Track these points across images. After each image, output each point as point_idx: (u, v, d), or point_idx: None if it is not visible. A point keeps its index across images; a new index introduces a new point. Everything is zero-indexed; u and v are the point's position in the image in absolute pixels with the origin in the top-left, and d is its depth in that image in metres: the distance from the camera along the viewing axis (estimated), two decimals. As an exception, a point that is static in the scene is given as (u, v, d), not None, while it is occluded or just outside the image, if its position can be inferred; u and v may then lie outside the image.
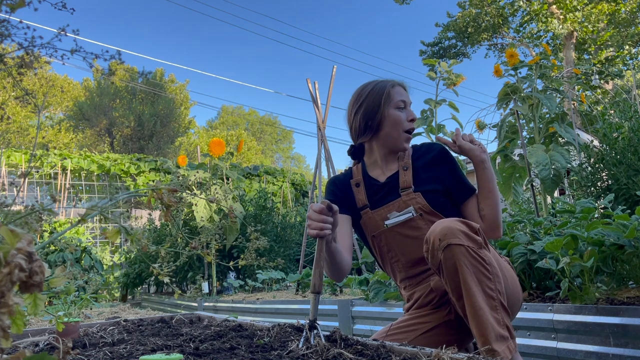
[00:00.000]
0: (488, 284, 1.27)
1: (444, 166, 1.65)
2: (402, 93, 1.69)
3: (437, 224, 1.37)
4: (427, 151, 1.69)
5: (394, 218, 1.60)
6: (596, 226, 2.15)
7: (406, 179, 1.63)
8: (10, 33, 1.04)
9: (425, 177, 1.63)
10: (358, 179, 1.72)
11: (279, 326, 1.57)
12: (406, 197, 1.60)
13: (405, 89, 1.72)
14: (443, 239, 1.31)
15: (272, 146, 43.90)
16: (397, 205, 1.60)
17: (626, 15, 16.83)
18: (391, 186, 1.65)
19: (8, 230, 0.50)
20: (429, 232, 1.38)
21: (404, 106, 1.67)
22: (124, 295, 8.39)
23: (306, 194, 14.69)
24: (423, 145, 1.73)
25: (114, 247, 11.08)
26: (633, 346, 1.72)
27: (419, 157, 1.69)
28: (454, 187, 1.63)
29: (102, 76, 2.57)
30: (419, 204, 1.58)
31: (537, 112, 4.15)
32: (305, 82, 5.80)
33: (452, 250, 1.28)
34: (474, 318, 1.24)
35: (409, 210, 1.58)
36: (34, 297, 0.86)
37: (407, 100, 1.69)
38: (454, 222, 1.33)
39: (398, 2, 18.96)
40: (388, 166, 1.70)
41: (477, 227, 1.33)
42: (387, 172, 1.69)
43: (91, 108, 25.65)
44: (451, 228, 1.31)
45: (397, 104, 1.66)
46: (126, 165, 12.46)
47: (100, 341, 1.63)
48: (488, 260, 1.29)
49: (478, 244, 1.30)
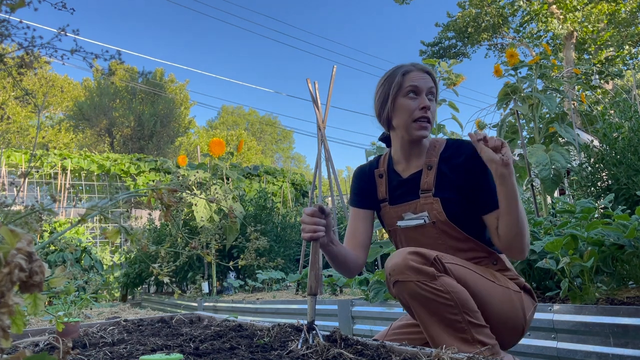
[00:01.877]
0: (448, 310, 1.27)
1: (472, 171, 1.49)
2: (416, 78, 1.53)
3: (391, 256, 1.37)
4: (458, 151, 1.54)
5: (407, 220, 1.55)
6: (596, 226, 2.15)
7: (427, 181, 1.53)
8: (10, 33, 1.05)
9: (448, 182, 1.51)
10: (382, 171, 1.65)
11: (279, 326, 1.57)
12: (424, 200, 1.52)
13: (426, 72, 1.55)
14: (392, 275, 1.33)
15: (272, 146, 43.91)
16: (413, 207, 1.54)
17: (626, 15, 16.83)
18: (412, 184, 1.56)
19: (8, 230, 0.50)
20: (386, 263, 1.38)
21: (416, 93, 1.52)
22: (124, 295, 8.39)
23: (306, 194, 14.69)
24: (456, 143, 1.58)
25: (114, 247, 11.08)
26: (633, 346, 1.72)
27: (449, 156, 1.54)
28: (477, 197, 1.49)
29: (102, 76, 2.58)
30: (434, 211, 1.49)
31: (537, 112, 4.15)
32: (305, 82, 5.80)
33: (401, 287, 1.31)
34: (434, 345, 1.29)
35: (423, 216, 1.52)
36: (34, 297, 0.86)
37: (422, 86, 1.52)
38: (404, 256, 1.31)
39: (398, 2, 18.96)
40: (412, 161, 1.59)
41: (432, 257, 1.30)
42: (411, 168, 1.59)
43: (91, 108, 25.66)
44: (399, 265, 1.31)
45: (407, 91, 1.52)
46: (126, 165, 12.46)
47: (100, 341, 1.63)
48: (445, 289, 1.27)
49: (430, 276, 1.28)
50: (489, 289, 1.38)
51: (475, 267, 1.42)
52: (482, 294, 1.34)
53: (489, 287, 1.38)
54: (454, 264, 1.36)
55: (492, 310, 1.35)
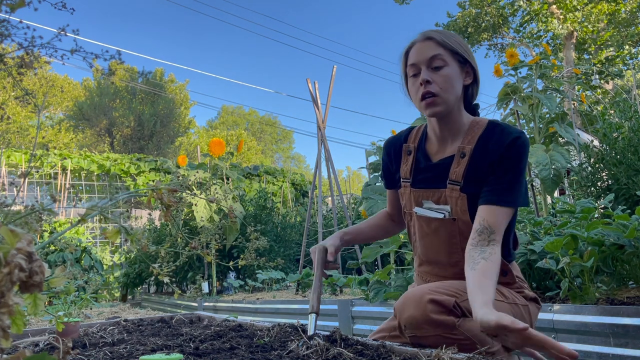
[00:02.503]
0: (466, 348, 1.13)
1: (501, 164, 1.32)
2: (414, 54, 1.38)
3: (405, 300, 1.22)
4: (499, 137, 1.33)
5: (426, 210, 1.41)
6: (596, 226, 2.16)
7: (458, 171, 1.35)
8: (10, 33, 1.05)
9: (479, 174, 1.34)
10: (412, 147, 1.48)
11: (279, 326, 1.57)
12: (450, 192, 1.36)
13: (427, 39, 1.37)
14: (408, 327, 1.21)
15: (272, 146, 43.91)
16: (438, 196, 1.39)
17: (626, 15, 16.83)
18: (441, 170, 1.39)
19: (8, 230, 0.50)
20: (396, 304, 1.25)
21: (415, 71, 1.38)
22: (124, 295, 8.39)
23: (306, 194, 14.68)
24: (498, 128, 1.36)
25: (114, 247, 11.08)
26: (633, 346, 1.72)
27: (486, 142, 1.35)
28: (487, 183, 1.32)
29: (102, 76, 2.58)
30: (458, 207, 1.35)
31: (537, 112, 4.15)
32: (306, 82, 5.80)
33: (418, 339, 1.20)
34: None
35: (444, 210, 1.38)
36: (33, 297, 0.86)
37: (419, 60, 1.36)
38: (423, 307, 1.16)
39: (398, 2, 18.96)
40: (447, 142, 1.41)
41: (451, 304, 1.16)
42: (444, 151, 1.42)
43: (91, 108, 25.67)
44: (416, 319, 1.17)
45: (410, 73, 1.39)
46: (126, 165, 12.46)
47: (100, 341, 1.63)
48: (465, 335, 1.15)
49: (450, 327, 1.15)
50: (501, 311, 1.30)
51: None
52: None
53: (501, 308, 1.28)
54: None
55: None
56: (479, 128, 1.38)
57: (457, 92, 1.36)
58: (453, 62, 1.35)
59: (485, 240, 1.24)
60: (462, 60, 1.37)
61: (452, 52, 1.35)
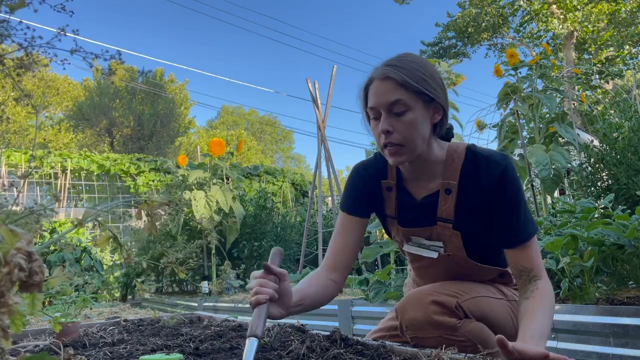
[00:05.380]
0: (467, 349, 1.14)
1: (499, 197, 1.23)
2: (372, 94, 1.22)
3: (406, 302, 1.23)
4: (486, 171, 1.23)
5: (417, 247, 1.35)
6: (596, 226, 2.16)
7: (446, 209, 1.27)
8: (9, 33, 1.05)
9: (471, 209, 1.26)
10: (391, 184, 1.37)
11: (279, 326, 1.57)
12: (442, 229, 1.30)
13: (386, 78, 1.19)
14: (409, 328, 1.22)
15: (272, 146, 43.91)
16: (428, 233, 1.33)
17: (626, 15, 16.83)
18: (428, 208, 1.31)
19: (8, 230, 0.50)
20: (397, 305, 1.26)
21: (375, 115, 1.23)
22: (124, 295, 8.38)
23: (306, 194, 14.68)
24: (481, 157, 1.25)
25: (114, 247, 11.07)
26: (633, 346, 1.72)
27: (472, 174, 1.25)
28: (500, 227, 1.25)
29: (102, 76, 2.58)
30: (452, 245, 1.29)
31: (537, 112, 4.15)
32: (305, 82, 5.80)
33: (419, 340, 1.21)
34: None
35: (436, 247, 1.32)
36: (32, 297, 0.86)
37: (378, 104, 1.20)
38: (425, 309, 1.18)
39: (398, 2, 18.96)
40: (423, 181, 1.32)
41: (453, 305, 1.17)
42: (424, 190, 1.32)
43: (91, 108, 25.67)
44: (417, 321, 1.19)
45: (370, 113, 1.25)
46: (126, 165, 12.46)
47: (100, 341, 1.63)
48: (467, 337, 1.17)
49: (452, 328, 1.16)
50: (501, 309, 1.32)
51: (486, 289, 1.33)
52: (497, 317, 1.30)
53: (501, 306, 1.33)
54: (472, 298, 1.25)
55: (505, 326, 1.32)
56: (458, 158, 1.27)
57: (425, 135, 1.23)
58: (417, 104, 1.20)
59: (526, 281, 1.21)
60: (428, 99, 1.21)
61: (415, 92, 1.18)
